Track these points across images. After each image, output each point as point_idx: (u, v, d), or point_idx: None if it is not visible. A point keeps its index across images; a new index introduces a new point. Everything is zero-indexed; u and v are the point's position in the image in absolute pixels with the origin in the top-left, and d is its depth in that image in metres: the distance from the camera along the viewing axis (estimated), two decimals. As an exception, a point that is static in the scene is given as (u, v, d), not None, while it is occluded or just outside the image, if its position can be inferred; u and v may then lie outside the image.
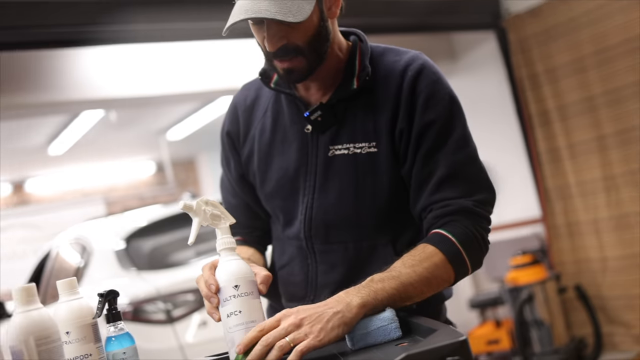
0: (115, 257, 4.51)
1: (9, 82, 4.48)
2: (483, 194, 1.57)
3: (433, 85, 1.58)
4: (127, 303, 4.04)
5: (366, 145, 1.59)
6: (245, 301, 1.34)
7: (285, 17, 1.45)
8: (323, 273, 1.65)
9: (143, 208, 5.67)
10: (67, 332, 1.32)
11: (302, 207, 1.64)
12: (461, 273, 1.52)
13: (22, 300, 1.20)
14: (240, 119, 1.77)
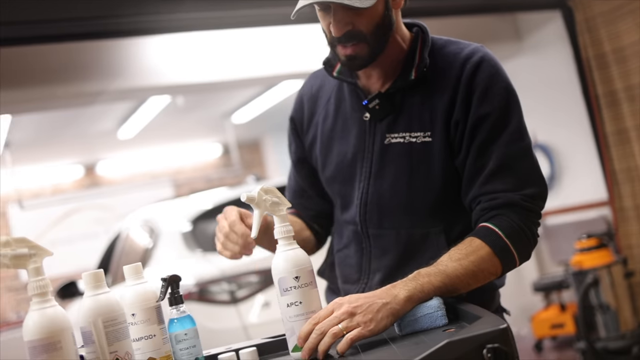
0: (182, 238, 4.62)
1: (80, 71, 4.64)
2: (533, 188, 1.58)
3: (491, 78, 1.60)
4: (193, 284, 4.16)
5: (421, 135, 1.62)
6: (305, 292, 1.38)
7: (353, 2, 1.49)
8: (376, 257, 1.69)
9: (209, 190, 5.78)
10: (132, 314, 1.40)
11: (358, 192, 1.69)
12: (509, 266, 1.54)
13: (91, 284, 1.28)
14: (305, 106, 1.83)
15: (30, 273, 1.18)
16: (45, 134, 8.02)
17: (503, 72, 1.64)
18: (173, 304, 1.47)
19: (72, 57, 4.62)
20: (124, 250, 5.73)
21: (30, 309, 1.17)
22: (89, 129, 8.16)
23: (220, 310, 4.10)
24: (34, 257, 1.19)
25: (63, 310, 1.18)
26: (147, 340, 1.40)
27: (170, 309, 1.47)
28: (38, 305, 1.17)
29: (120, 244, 5.88)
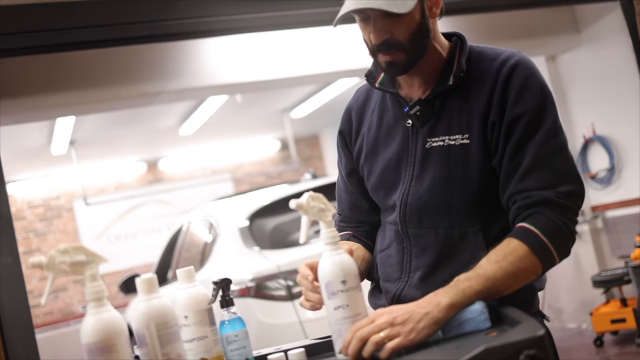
0: (240, 235, 4.70)
1: (141, 72, 4.77)
2: (568, 186, 1.59)
3: (526, 78, 1.64)
4: (250, 279, 4.24)
5: (459, 137, 1.67)
6: (351, 296, 1.42)
7: (390, 7, 1.57)
8: (416, 256, 1.73)
9: (268, 188, 5.86)
10: (185, 316, 1.47)
11: (400, 194, 1.75)
12: (548, 264, 1.56)
13: (145, 289, 1.34)
14: (353, 119, 1.90)
15: (87, 279, 1.26)
16: (109, 132, 8.22)
17: (538, 73, 1.67)
18: (224, 306, 1.53)
19: (134, 59, 4.75)
20: (185, 245, 5.86)
21: (88, 313, 1.24)
22: (151, 127, 8.33)
23: (277, 306, 4.17)
24: (91, 263, 1.26)
25: (118, 314, 1.25)
26: (200, 342, 1.47)
27: (221, 311, 1.53)
28: (95, 310, 1.24)
29: (182, 239, 6.01)
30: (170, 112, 7.66)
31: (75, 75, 4.66)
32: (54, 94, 4.60)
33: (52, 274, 1.23)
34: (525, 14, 5.97)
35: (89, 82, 4.71)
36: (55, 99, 4.63)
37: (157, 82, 4.86)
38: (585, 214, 6.46)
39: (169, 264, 6.25)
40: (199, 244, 5.46)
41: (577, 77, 6.52)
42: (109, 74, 4.76)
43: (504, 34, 5.98)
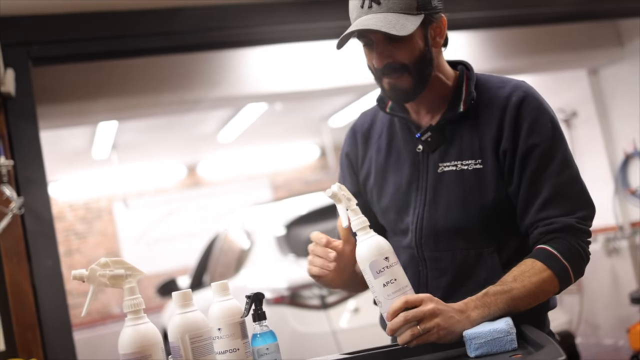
0: (276, 242, 4.75)
1: (182, 80, 4.85)
2: (584, 211, 1.71)
3: (536, 111, 1.73)
4: (285, 288, 4.28)
5: (472, 162, 1.74)
6: (396, 270, 1.54)
7: (390, 30, 1.64)
8: (433, 278, 1.80)
9: (305, 195, 5.89)
10: (218, 328, 1.50)
11: (413, 218, 1.81)
12: (565, 285, 1.67)
13: (180, 303, 1.39)
14: (359, 142, 1.97)
15: (125, 292, 1.30)
16: (149, 136, 8.34)
17: (546, 105, 1.76)
18: (256, 320, 1.57)
19: (176, 67, 4.83)
20: (222, 250, 5.93)
21: (125, 325, 1.29)
22: (191, 132, 8.42)
23: (310, 315, 4.21)
24: (129, 277, 1.31)
25: (154, 327, 1.30)
26: (232, 354, 1.51)
27: (254, 324, 1.57)
28: (132, 322, 1.28)
29: (219, 244, 6.08)
30: (210, 117, 7.74)
31: (118, 82, 4.76)
32: (96, 100, 4.69)
33: (93, 286, 1.28)
34: (567, 27, 5.94)
35: (130, 89, 4.80)
36: (97, 105, 4.72)
37: (197, 90, 4.94)
38: (624, 229, 6.39)
39: (205, 269, 6.33)
40: (236, 250, 5.51)
41: (619, 92, 6.45)
42: (150, 81, 4.84)
43: (545, 47, 5.95)
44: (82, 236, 9.91)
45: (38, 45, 3.94)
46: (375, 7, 1.67)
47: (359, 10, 1.70)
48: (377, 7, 1.67)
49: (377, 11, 1.67)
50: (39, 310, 3.62)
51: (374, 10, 1.67)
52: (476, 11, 4.77)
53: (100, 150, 8.25)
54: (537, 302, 1.64)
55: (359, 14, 1.70)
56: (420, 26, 1.69)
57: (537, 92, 1.77)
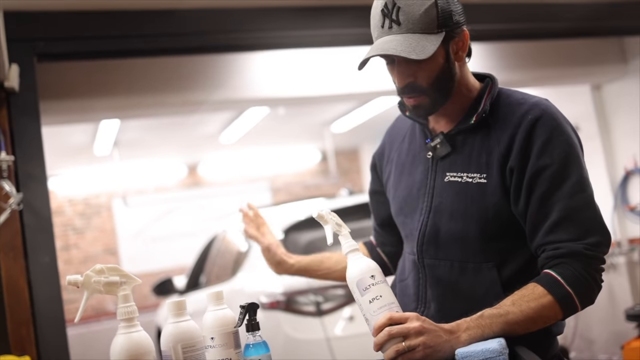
0: (274, 247, 4.74)
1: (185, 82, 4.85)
2: (595, 237, 1.65)
3: (552, 130, 1.69)
4: (281, 293, 4.28)
5: (477, 176, 1.73)
6: (382, 288, 1.58)
7: (410, 54, 1.64)
8: (431, 286, 1.80)
9: (305, 200, 5.89)
10: (212, 337, 1.51)
11: (418, 224, 1.81)
12: (570, 312, 1.63)
13: (173, 312, 1.39)
14: (386, 144, 2.01)
15: (120, 299, 1.30)
16: (152, 135, 8.33)
17: (564, 125, 1.71)
18: (250, 330, 1.57)
19: (180, 68, 4.84)
20: (220, 252, 5.92)
21: (118, 332, 1.29)
22: (194, 132, 8.42)
23: (305, 321, 4.20)
24: (124, 285, 1.31)
25: (147, 335, 1.30)
26: (224, 363, 1.51)
27: (247, 334, 1.57)
28: (125, 330, 1.29)
29: (217, 245, 6.08)
30: (213, 118, 7.75)
31: (121, 81, 4.76)
32: (99, 97, 4.70)
33: (87, 292, 1.28)
34: (572, 42, 5.95)
35: (134, 88, 4.80)
36: (100, 103, 4.73)
37: (201, 91, 4.94)
38: (622, 245, 6.39)
39: (202, 269, 6.32)
40: (233, 252, 5.51)
41: (622, 108, 6.46)
42: (153, 81, 4.84)
43: (549, 61, 5.96)
44: (80, 231, 9.91)
45: (44, 42, 3.94)
46: (395, 28, 1.67)
47: (380, 30, 1.70)
48: (397, 27, 1.67)
49: (397, 32, 1.67)
50: (34, 307, 3.62)
51: (394, 31, 1.67)
52: (483, 24, 4.78)
53: (102, 147, 8.25)
54: (536, 328, 1.62)
55: (379, 34, 1.70)
56: (441, 43, 1.68)
57: (557, 112, 1.73)
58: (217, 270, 5.80)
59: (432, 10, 1.66)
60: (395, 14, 1.66)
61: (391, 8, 1.67)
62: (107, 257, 9.90)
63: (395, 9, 1.66)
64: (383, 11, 1.68)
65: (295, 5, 4.40)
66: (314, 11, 4.42)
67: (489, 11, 4.83)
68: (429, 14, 1.66)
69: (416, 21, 1.65)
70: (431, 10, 1.66)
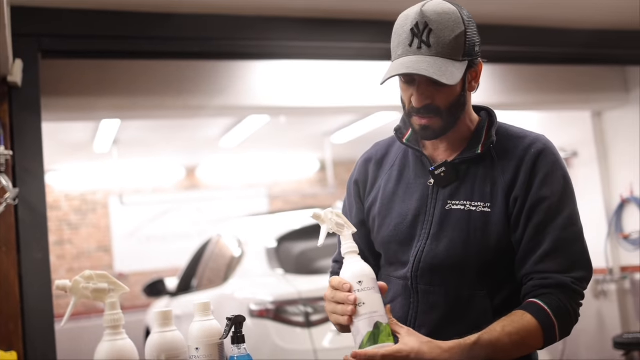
0: (266, 255, 4.76)
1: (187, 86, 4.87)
2: (581, 272, 1.71)
3: (552, 165, 1.75)
4: (270, 302, 4.29)
5: (481, 205, 1.75)
6: (368, 294, 1.56)
7: (441, 78, 1.65)
8: (422, 313, 1.80)
9: (300, 210, 5.90)
10: (196, 348, 1.52)
11: (414, 250, 1.81)
12: (549, 342, 1.67)
13: (159, 322, 1.40)
14: (370, 170, 1.98)
15: (107, 307, 1.32)
16: (152, 135, 8.35)
17: (562, 161, 1.79)
18: (235, 343, 1.58)
19: (182, 72, 4.85)
20: (213, 256, 5.92)
21: (103, 339, 1.30)
22: (194, 135, 8.44)
23: (294, 331, 4.21)
24: (112, 292, 1.32)
25: (132, 343, 1.31)
26: (207, 375, 1.52)
27: (232, 346, 1.58)
28: (110, 337, 1.30)
29: (211, 249, 6.08)
30: (213, 122, 7.77)
31: (124, 81, 4.78)
32: (101, 96, 4.71)
33: (75, 298, 1.29)
34: (575, 69, 5.98)
35: (136, 89, 4.82)
36: (101, 102, 4.74)
37: (202, 96, 4.96)
38: (614, 273, 6.40)
39: (194, 272, 6.32)
40: (227, 257, 5.52)
41: (621, 136, 6.48)
42: (156, 83, 4.86)
43: (551, 85, 5.98)
44: (75, 227, 9.91)
45: (49, 38, 3.96)
46: (425, 50, 1.67)
47: (407, 48, 1.69)
48: (427, 49, 1.67)
49: (426, 54, 1.67)
50: (23, 302, 3.63)
51: (424, 52, 1.67)
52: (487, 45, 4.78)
53: (102, 144, 8.27)
54: (520, 355, 1.67)
55: (405, 52, 1.69)
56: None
57: (555, 148, 1.80)
58: (209, 274, 5.80)
59: (462, 38, 1.69)
60: (427, 36, 1.67)
61: (422, 29, 1.67)
62: (101, 255, 9.91)
63: (426, 31, 1.67)
64: (413, 30, 1.68)
65: (302, 16, 4.43)
66: (320, 23, 4.46)
67: (494, 33, 4.85)
68: (458, 41, 1.68)
69: (446, 46, 1.67)
70: (461, 37, 1.69)
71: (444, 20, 1.67)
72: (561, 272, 1.68)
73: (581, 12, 4.95)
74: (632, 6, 4.93)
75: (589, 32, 5.25)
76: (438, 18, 1.67)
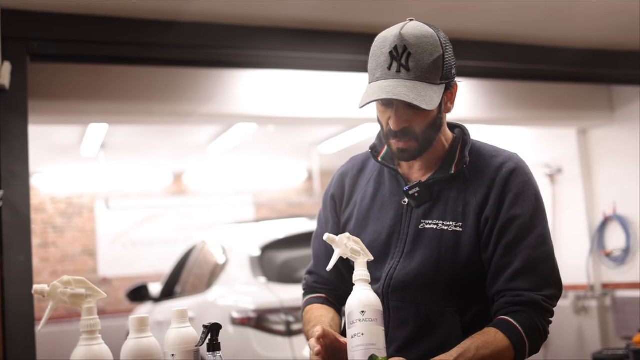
0: (250, 264, 4.76)
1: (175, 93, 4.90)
2: (552, 290, 1.73)
3: (524, 184, 1.77)
4: (252, 310, 4.30)
5: (453, 224, 1.77)
6: (368, 325, 1.55)
7: (421, 104, 1.66)
8: (393, 328, 1.81)
9: (286, 219, 5.91)
10: (172, 354, 1.53)
11: (387, 267, 1.83)
12: (519, 359, 1.68)
13: (135, 327, 1.42)
14: (346, 185, 1.99)
15: (83, 312, 1.33)
16: (140, 140, 8.34)
17: (534, 180, 1.80)
18: (211, 350, 1.59)
19: (171, 79, 4.88)
20: (197, 262, 5.93)
21: (79, 344, 1.31)
22: (182, 141, 8.44)
23: (274, 340, 4.21)
24: (89, 297, 1.34)
25: (107, 348, 1.32)
26: (183, 381, 1.53)
27: (207, 354, 1.60)
28: (86, 342, 1.31)
29: (195, 255, 6.08)
30: (202, 129, 7.77)
31: (112, 87, 4.80)
32: (89, 101, 4.73)
33: (52, 302, 1.31)
34: (562, 86, 6.04)
35: (124, 95, 4.84)
36: (89, 106, 4.76)
37: (190, 103, 4.98)
38: (595, 289, 6.45)
39: (178, 278, 6.32)
40: (211, 264, 5.52)
41: (605, 154, 6.55)
42: (145, 89, 4.88)
43: (538, 103, 6.04)
44: (60, 230, 9.87)
45: (38, 42, 3.97)
46: (404, 73, 1.67)
47: (385, 71, 1.69)
48: (406, 73, 1.67)
49: (405, 77, 1.67)
50: (4, 304, 3.63)
51: (403, 76, 1.67)
52: (475, 60, 4.84)
53: (89, 148, 8.25)
54: None
55: (384, 75, 1.69)
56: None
57: (527, 166, 1.81)
58: (192, 281, 5.81)
59: (439, 61, 1.70)
60: (405, 60, 1.67)
61: (401, 52, 1.67)
62: (85, 258, 9.87)
63: (405, 54, 1.67)
64: (392, 53, 1.68)
65: (292, 27, 4.46)
66: (309, 34, 4.50)
67: (483, 50, 4.90)
68: (436, 65, 1.69)
69: (424, 70, 1.68)
70: (439, 61, 1.70)
71: (422, 44, 1.68)
72: (532, 290, 1.70)
73: (569, 31, 5.01)
74: (618, 27, 4.99)
75: (576, 51, 5.31)
76: (417, 42, 1.68)
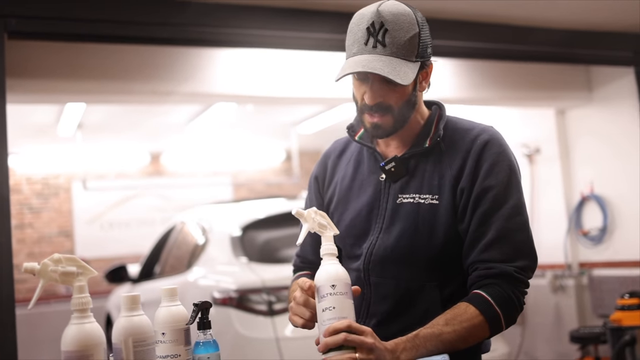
0: (231, 244, 4.75)
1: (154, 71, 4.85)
2: (525, 261, 1.75)
3: (498, 155, 1.79)
4: (234, 290, 4.29)
5: (429, 197, 1.80)
6: (339, 299, 1.57)
7: (395, 78, 1.69)
8: (374, 303, 1.84)
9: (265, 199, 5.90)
10: (162, 333, 1.53)
11: (367, 244, 1.86)
12: (496, 331, 1.71)
13: (127, 306, 1.41)
14: (328, 167, 2.04)
15: (75, 290, 1.32)
16: (117, 120, 8.27)
17: (509, 151, 1.82)
18: (201, 328, 1.59)
19: (150, 58, 4.83)
20: (177, 243, 5.91)
21: (70, 322, 1.30)
22: (160, 120, 8.38)
23: (256, 320, 4.22)
24: (80, 275, 1.33)
25: (99, 327, 1.32)
26: (173, 359, 1.53)
27: (197, 332, 1.60)
28: (77, 320, 1.30)
29: (174, 235, 6.06)
30: (180, 109, 7.72)
31: (90, 65, 4.74)
32: (67, 80, 4.67)
33: (43, 281, 1.29)
34: (540, 66, 6.07)
35: (103, 73, 4.79)
36: (67, 85, 4.70)
37: (169, 82, 4.94)
38: (572, 268, 6.52)
39: (157, 259, 6.30)
40: (190, 244, 5.50)
41: (583, 134, 6.60)
42: (123, 68, 4.83)
43: (516, 82, 6.07)
44: (37, 211, 9.79)
45: (16, 19, 3.91)
46: (380, 49, 1.71)
47: (362, 47, 1.73)
48: (382, 49, 1.70)
49: (381, 53, 1.70)
50: (-16, 286, 3.60)
51: (379, 51, 1.71)
52: (453, 40, 4.85)
53: (66, 128, 8.17)
54: (466, 346, 1.68)
55: (360, 50, 1.73)
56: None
57: (502, 138, 1.83)
58: (172, 261, 5.79)
59: (415, 39, 1.73)
60: (382, 35, 1.70)
61: (378, 28, 1.71)
62: (62, 239, 9.81)
63: (382, 30, 1.70)
64: (369, 29, 1.72)
65: (272, 5, 4.43)
66: (289, 13, 4.47)
67: (461, 29, 4.91)
68: (412, 43, 1.73)
69: (400, 46, 1.71)
70: (414, 39, 1.73)
71: (399, 21, 1.71)
72: (505, 262, 1.72)
73: (547, 11, 5.03)
74: (597, 7, 5.02)
75: (554, 31, 5.34)
76: (394, 19, 1.71)
